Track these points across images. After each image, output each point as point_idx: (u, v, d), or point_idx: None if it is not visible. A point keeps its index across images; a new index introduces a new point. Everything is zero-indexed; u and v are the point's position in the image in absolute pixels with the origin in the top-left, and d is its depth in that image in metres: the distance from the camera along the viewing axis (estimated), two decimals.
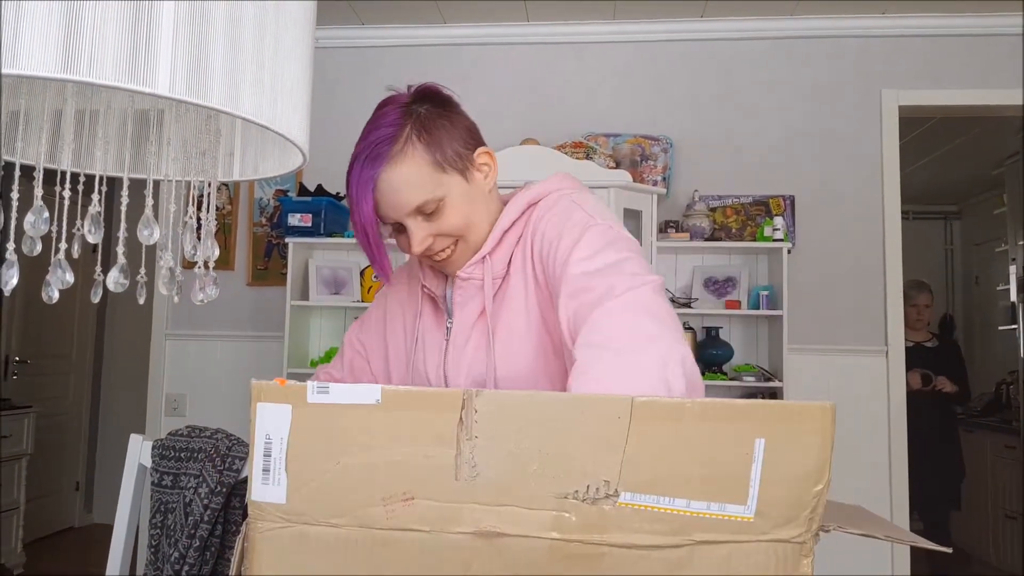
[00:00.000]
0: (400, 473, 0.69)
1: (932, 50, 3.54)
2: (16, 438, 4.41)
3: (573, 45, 3.72)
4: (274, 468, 0.70)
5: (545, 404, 0.70)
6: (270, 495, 0.70)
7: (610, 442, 0.68)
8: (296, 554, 0.71)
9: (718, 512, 0.69)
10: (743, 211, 3.50)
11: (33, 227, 0.83)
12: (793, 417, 0.69)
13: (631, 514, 0.69)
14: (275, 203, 3.80)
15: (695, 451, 0.69)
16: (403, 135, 1.12)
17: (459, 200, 1.14)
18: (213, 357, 3.78)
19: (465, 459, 0.69)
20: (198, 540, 1.78)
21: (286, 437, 0.69)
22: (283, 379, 0.69)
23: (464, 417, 0.69)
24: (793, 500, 0.70)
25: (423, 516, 0.70)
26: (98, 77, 0.75)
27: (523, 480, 0.69)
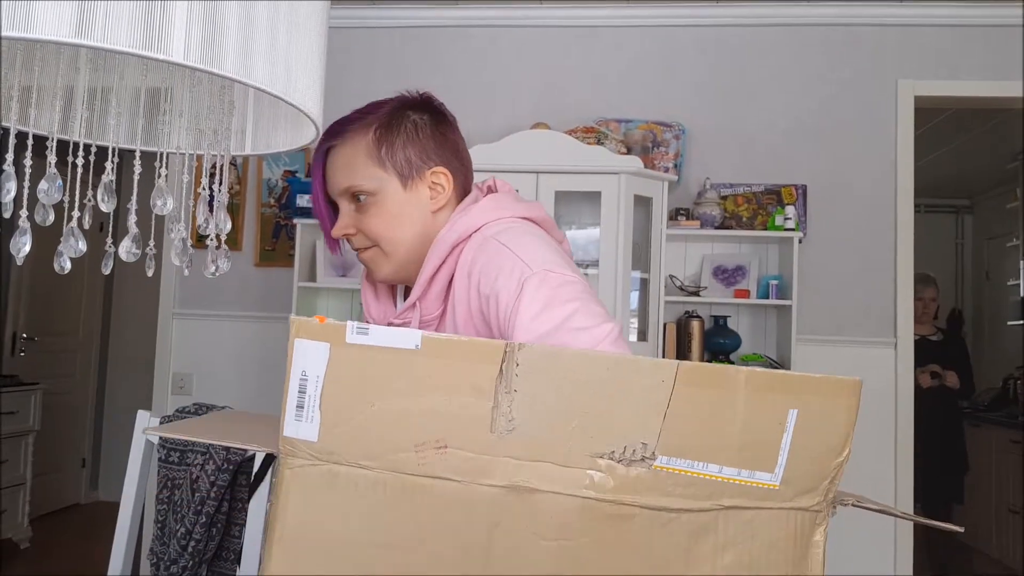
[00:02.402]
0: (435, 421, 0.69)
1: (949, 40, 3.51)
2: (23, 414, 4.43)
3: (586, 29, 3.69)
4: (308, 405, 0.69)
5: (590, 363, 0.70)
6: (302, 432, 0.70)
7: (652, 405, 0.69)
8: (324, 492, 0.71)
9: (747, 479, 0.71)
10: (754, 200, 3.49)
11: (46, 195, 0.82)
12: (825, 390, 0.70)
13: (665, 477, 0.70)
14: (284, 184, 3.79)
15: (734, 418, 0.70)
16: (366, 122, 1.13)
17: (389, 203, 1.12)
18: (220, 337, 3.79)
19: (502, 412, 0.69)
20: (204, 516, 1.79)
21: (322, 376, 0.69)
22: (323, 316, 0.69)
23: (504, 370, 0.68)
24: (816, 470, 0.72)
25: (455, 466, 0.69)
26: (112, 43, 0.74)
27: (560, 437, 0.69)
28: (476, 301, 1.07)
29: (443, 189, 1.16)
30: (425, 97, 1.19)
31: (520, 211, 1.16)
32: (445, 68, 3.69)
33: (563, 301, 0.99)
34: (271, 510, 0.72)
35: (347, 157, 1.13)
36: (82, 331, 5.52)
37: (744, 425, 0.70)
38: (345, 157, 1.13)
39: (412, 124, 1.15)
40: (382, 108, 1.16)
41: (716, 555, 0.71)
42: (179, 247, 0.93)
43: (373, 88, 3.74)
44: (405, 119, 1.15)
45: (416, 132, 1.14)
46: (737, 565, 0.72)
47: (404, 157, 1.13)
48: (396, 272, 1.17)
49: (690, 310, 3.43)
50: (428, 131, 1.15)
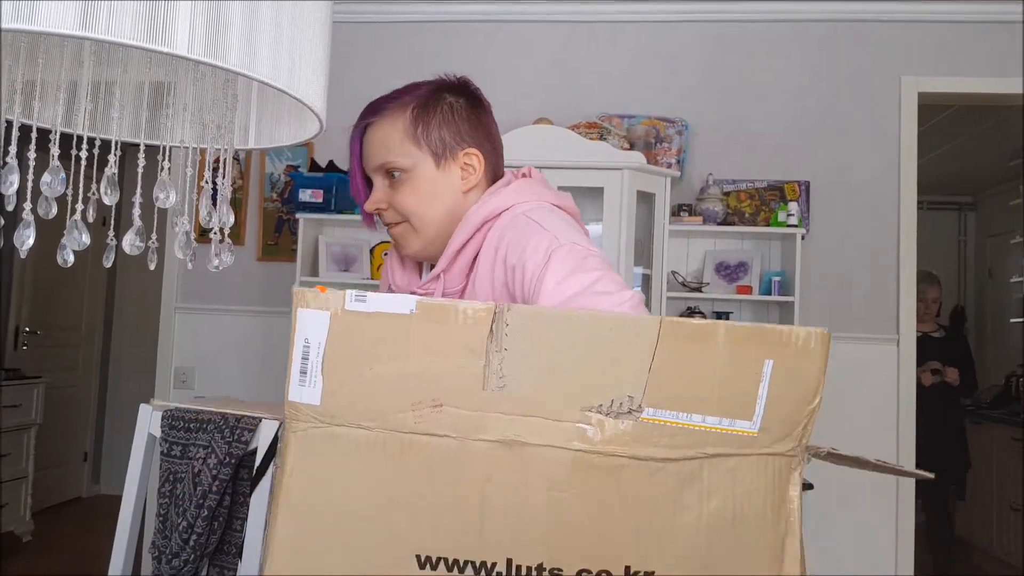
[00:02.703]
0: (430, 381, 0.72)
1: (953, 36, 3.49)
2: (26, 408, 4.43)
3: (589, 24, 3.68)
4: (311, 371, 0.73)
5: (576, 321, 0.74)
6: (306, 396, 0.73)
7: (638, 361, 0.72)
8: (327, 453, 0.74)
9: (729, 427, 0.74)
10: (757, 196, 3.48)
11: (50, 187, 0.82)
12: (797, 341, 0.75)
13: (652, 429, 0.73)
14: (286, 178, 3.79)
15: (715, 370, 0.73)
16: (404, 103, 1.17)
17: (421, 181, 1.16)
18: (222, 331, 3.79)
19: (493, 370, 0.72)
20: (206, 510, 1.79)
21: (323, 342, 0.72)
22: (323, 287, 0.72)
23: (495, 330, 0.72)
24: (790, 417, 0.76)
25: (450, 423, 0.72)
26: (116, 36, 0.74)
27: (549, 392, 0.72)
28: (501, 273, 1.10)
29: (474, 170, 1.19)
30: (462, 81, 1.24)
31: (550, 197, 1.20)
32: (448, 63, 3.65)
33: (588, 269, 1.04)
34: (276, 473, 0.74)
35: (384, 134, 1.17)
36: (84, 325, 5.53)
37: (724, 376, 0.74)
38: (382, 134, 1.17)
39: (448, 106, 1.19)
40: (420, 89, 1.20)
41: (702, 502, 0.74)
42: (182, 240, 0.93)
43: (377, 84, 3.72)
44: (442, 101, 1.19)
45: (452, 114, 1.18)
46: (722, 510, 0.75)
47: (439, 137, 1.16)
48: (424, 248, 1.20)
49: (692, 306, 3.43)
50: (463, 113, 1.19)
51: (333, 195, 3.44)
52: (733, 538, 0.75)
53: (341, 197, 3.48)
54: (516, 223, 1.12)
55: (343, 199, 3.50)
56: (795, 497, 0.78)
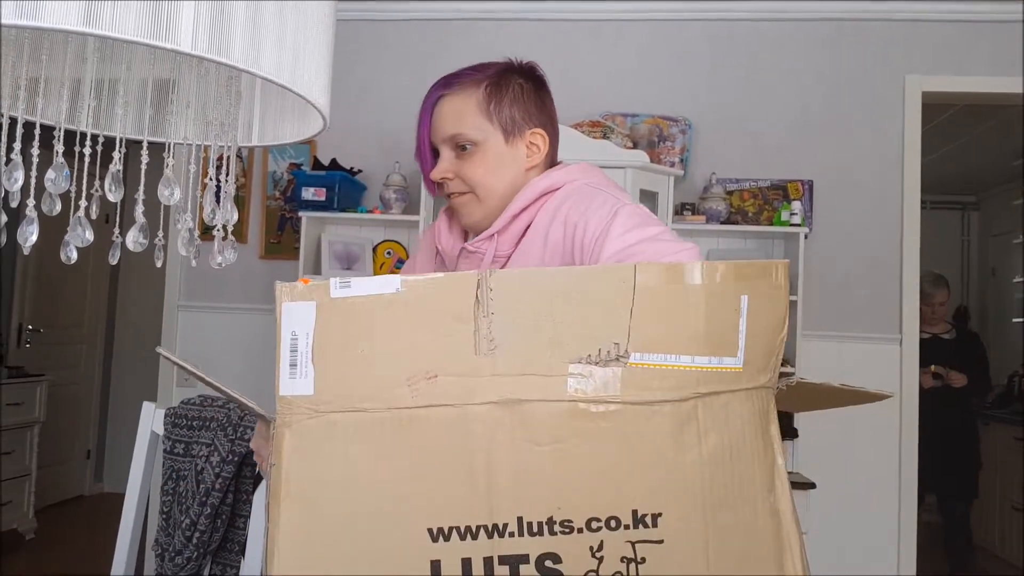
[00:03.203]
0: (422, 354, 0.73)
1: (957, 36, 3.48)
2: (28, 406, 4.44)
3: (591, 22, 3.68)
4: (301, 362, 0.73)
5: (555, 277, 0.77)
6: (298, 388, 0.73)
7: (617, 307, 0.75)
8: (326, 442, 0.74)
9: (717, 366, 0.77)
10: (760, 195, 3.47)
11: (54, 184, 0.82)
12: (766, 274, 0.79)
13: (642, 373, 0.75)
14: (289, 177, 3.79)
15: (697, 310, 0.76)
16: (478, 79, 1.22)
17: (490, 155, 1.21)
18: (225, 329, 3.79)
19: (483, 334, 0.73)
20: (209, 508, 1.79)
21: (311, 332, 0.73)
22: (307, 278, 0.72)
23: (480, 296, 0.73)
24: (766, 349, 0.80)
25: (447, 392, 0.73)
26: (120, 32, 0.74)
27: (539, 349, 0.74)
28: (559, 233, 1.14)
29: (538, 150, 1.25)
30: (531, 65, 1.29)
31: (609, 181, 1.28)
32: (452, 61, 3.65)
33: (652, 224, 1.09)
34: (273, 473, 0.73)
35: (458, 107, 1.21)
36: (87, 323, 5.53)
37: (707, 315, 0.76)
38: (456, 107, 1.21)
39: (519, 86, 1.23)
40: (491, 68, 1.24)
41: (701, 441, 0.76)
42: (186, 237, 0.93)
43: (379, 82, 3.75)
44: (513, 81, 1.23)
45: (522, 94, 1.23)
46: (720, 447, 0.77)
47: (509, 115, 1.21)
48: (484, 218, 1.24)
49: None
50: (532, 95, 1.25)
51: (336, 193, 3.44)
52: (732, 472, 0.78)
53: (344, 195, 3.48)
54: (580, 190, 1.18)
55: (346, 197, 3.50)
56: (774, 420, 0.82)
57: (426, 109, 1.24)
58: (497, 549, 0.73)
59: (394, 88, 3.73)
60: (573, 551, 0.74)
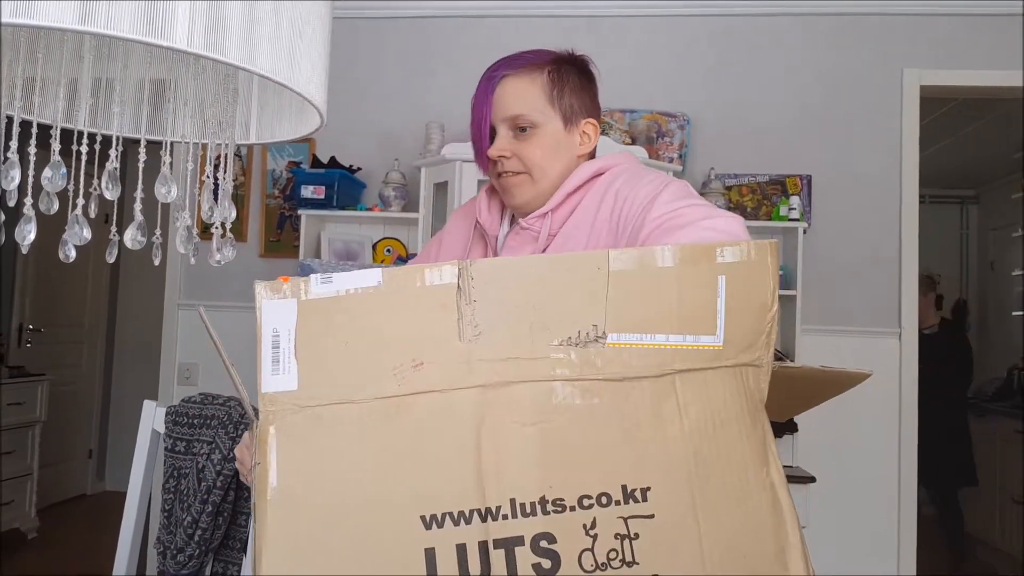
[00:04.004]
0: (407, 343, 0.74)
1: (955, 29, 3.48)
2: (30, 405, 4.45)
3: (590, 19, 3.68)
4: (283, 358, 0.72)
5: (533, 265, 0.80)
6: (281, 384, 0.72)
7: (594, 291, 0.78)
8: (312, 437, 0.73)
9: (693, 343, 0.80)
10: (759, 190, 3.48)
11: (51, 182, 0.82)
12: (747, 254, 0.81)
13: (620, 352, 0.78)
14: (288, 175, 3.79)
15: (669, 292, 0.79)
16: (541, 63, 1.25)
17: (549, 138, 1.24)
18: (225, 327, 3.76)
19: (467, 321, 0.75)
20: (211, 505, 1.79)
21: (293, 328, 0.72)
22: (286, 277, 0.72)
23: (462, 284, 0.75)
24: (752, 327, 0.82)
25: (433, 379, 0.74)
26: (116, 30, 0.75)
27: (522, 333, 0.76)
28: (609, 206, 1.18)
29: (589, 139, 1.29)
30: (584, 59, 1.32)
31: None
32: (450, 59, 3.68)
33: (698, 198, 1.14)
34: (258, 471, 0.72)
35: (523, 88, 1.24)
36: (88, 322, 5.54)
37: (680, 296, 0.79)
38: (520, 88, 1.24)
39: (577, 77, 1.28)
40: (550, 55, 1.28)
41: (681, 415, 0.79)
42: (184, 235, 0.93)
43: (378, 81, 3.74)
44: (572, 71, 1.28)
45: (579, 85, 1.28)
46: (701, 420, 0.80)
47: (569, 103, 1.25)
48: (534, 199, 1.27)
49: None
50: (588, 87, 1.30)
51: (335, 191, 3.44)
52: (717, 446, 0.80)
53: (343, 193, 3.48)
54: (629, 170, 1.23)
55: (345, 195, 3.50)
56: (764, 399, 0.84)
57: (488, 87, 1.25)
58: (492, 533, 0.73)
59: (393, 86, 3.73)
60: (567, 530, 0.75)
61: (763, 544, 0.80)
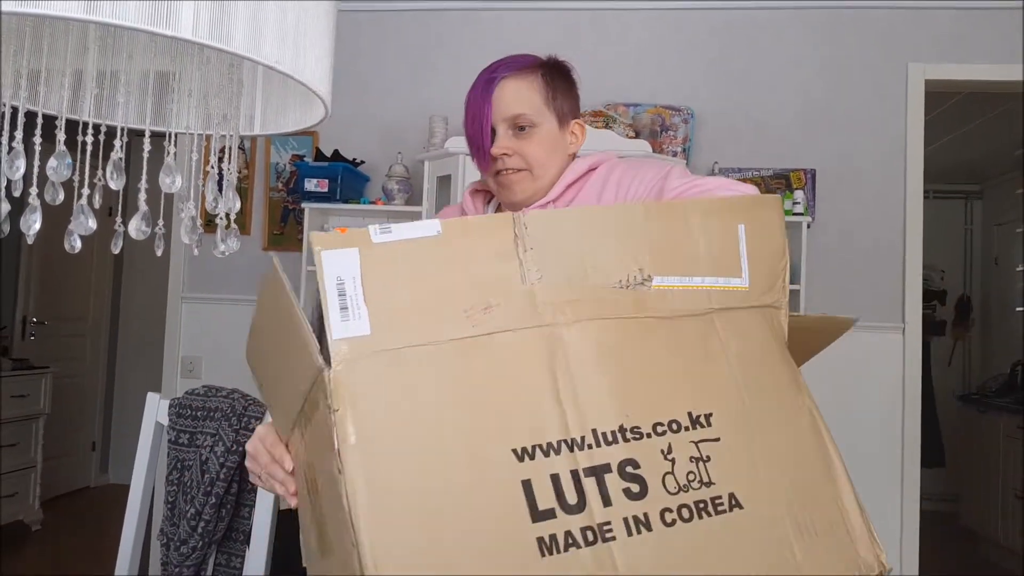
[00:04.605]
0: (474, 289, 0.76)
1: (960, 23, 3.47)
2: (33, 398, 4.46)
3: (593, 12, 3.67)
4: (352, 305, 0.72)
5: (579, 215, 0.86)
6: (352, 330, 0.72)
7: (634, 239, 0.84)
8: (390, 379, 0.73)
9: (724, 285, 0.88)
10: (763, 184, 3.47)
11: (56, 172, 0.82)
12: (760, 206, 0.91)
13: (665, 293, 0.84)
14: (291, 168, 3.79)
15: (699, 239, 0.86)
16: (535, 66, 1.32)
17: (547, 138, 1.31)
18: (229, 320, 3.79)
19: (527, 267, 0.79)
20: (214, 497, 1.80)
21: (358, 276, 0.73)
22: (344, 228, 0.73)
23: (518, 233, 0.79)
24: (769, 271, 0.91)
25: (504, 320, 0.77)
26: (121, 19, 0.74)
27: (577, 277, 0.81)
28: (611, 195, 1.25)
29: (577, 139, 1.37)
30: (568, 64, 1.39)
31: None
32: (454, 52, 3.68)
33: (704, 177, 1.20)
34: (336, 418, 0.70)
35: (521, 89, 1.30)
36: (91, 315, 5.55)
37: (708, 243, 0.86)
38: (519, 89, 1.30)
39: (564, 81, 1.35)
40: (538, 60, 1.34)
41: (724, 347, 0.86)
42: (189, 225, 0.93)
43: (381, 74, 3.74)
44: (559, 75, 1.34)
45: (567, 89, 1.35)
46: (743, 352, 0.87)
47: (561, 104, 1.32)
48: (533, 195, 1.33)
49: None
50: (573, 91, 1.37)
51: (338, 184, 3.44)
52: (758, 373, 0.88)
53: (346, 186, 3.48)
54: (626, 162, 1.32)
55: (348, 188, 3.50)
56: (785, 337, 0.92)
57: (488, 88, 1.30)
58: (580, 462, 0.75)
59: (396, 79, 3.73)
60: (648, 456, 0.79)
61: (812, 463, 0.87)
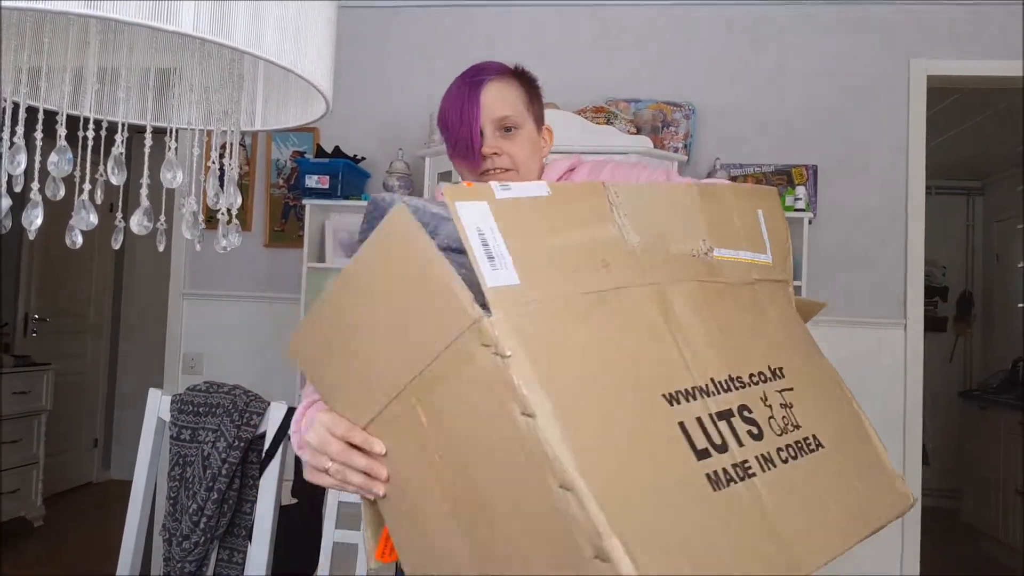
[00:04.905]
0: (592, 246, 0.80)
1: (963, 19, 3.46)
2: (35, 394, 4.46)
3: (594, 8, 3.66)
4: (497, 254, 0.72)
5: (653, 190, 0.94)
6: (503, 279, 0.72)
7: (696, 214, 0.91)
8: (547, 329, 0.73)
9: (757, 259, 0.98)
10: (765, 180, 3.46)
11: (56, 167, 0.82)
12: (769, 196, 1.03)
13: (723, 263, 0.92)
14: (292, 164, 3.79)
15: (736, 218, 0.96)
16: (508, 72, 1.38)
17: (528, 139, 1.37)
18: (230, 317, 3.80)
19: (626, 231, 0.83)
20: (216, 493, 1.80)
21: (495, 227, 0.73)
22: (469, 182, 0.75)
23: (611, 200, 0.83)
24: (782, 251, 1.01)
25: (621, 277, 0.81)
26: (122, 14, 0.74)
27: (662, 244, 0.86)
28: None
29: (546, 143, 1.44)
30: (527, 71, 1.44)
31: None
32: (454, 47, 3.68)
33: None
34: (512, 364, 0.69)
35: (506, 92, 1.35)
36: (93, 312, 5.55)
37: (741, 223, 0.96)
38: (503, 91, 1.35)
39: (536, 88, 1.41)
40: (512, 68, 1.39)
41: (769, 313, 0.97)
42: (190, 220, 0.93)
43: (382, 70, 3.74)
44: (531, 83, 1.40)
45: (538, 95, 1.42)
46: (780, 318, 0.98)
47: (536, 109, 1.39)
48: None
49: None
50: (541, 99, 1.43)
51: (339, 181, 3.44)
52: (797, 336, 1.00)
53: (347, 183, 3.48)
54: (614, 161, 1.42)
55: (349, 184, 3.50)
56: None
57: (475, 90, 1.34)
58: (711, 407, 0.80)
59: (396, 75, 3.72)
60: (754, 402, 0.85)
61: (847, 410, 0.99)
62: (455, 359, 0.73)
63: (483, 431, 0.73)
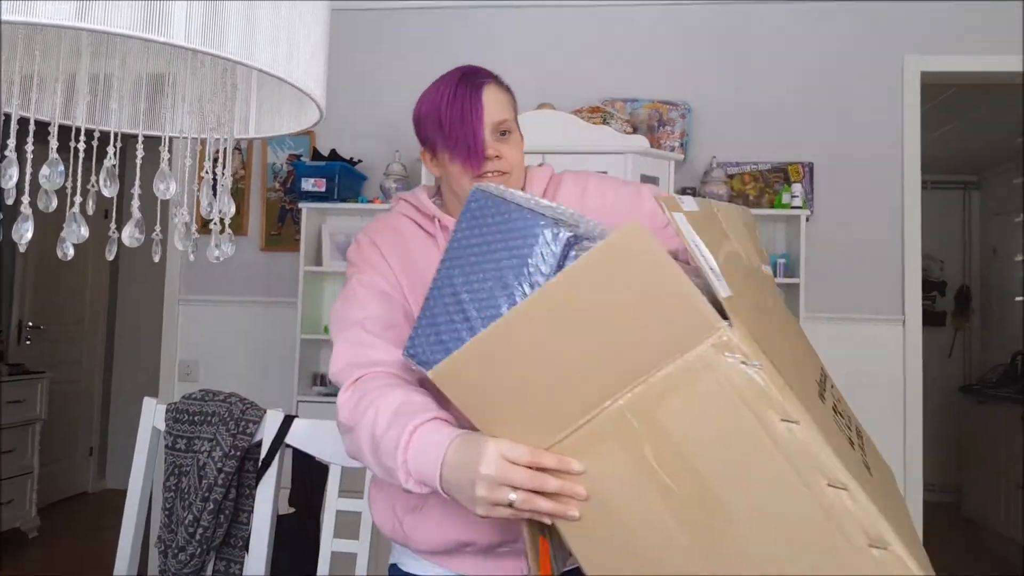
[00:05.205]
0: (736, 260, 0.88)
1: (956, 15, 3.46)
2: (30, 403, 4.44)
3: (590, 8, 3.65)
4: (711, 265, 0.76)
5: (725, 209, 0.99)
6: (724, 289, 0.76)
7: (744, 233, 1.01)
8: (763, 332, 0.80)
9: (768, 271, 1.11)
10: (761, 178, 3.46)
11: (48, 180, 0.81)
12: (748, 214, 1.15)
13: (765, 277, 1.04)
14: (288, 168, 3.78)
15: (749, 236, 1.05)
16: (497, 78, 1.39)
17: (518, 145, 1.39)
18: (226, 323, 3.78)
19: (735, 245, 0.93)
20: (212, 503, 1.79)
21: (700, 242, 0.78)
22: (667, 193, 0.84)
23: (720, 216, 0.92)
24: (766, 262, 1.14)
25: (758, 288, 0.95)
26: (113, 26, 0.73)
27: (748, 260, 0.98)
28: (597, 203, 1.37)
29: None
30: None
31: None
32: (449, 49, 3.66)
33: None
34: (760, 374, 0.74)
35: (500, 97, 1.36)
36: (87, 320, 5.52)
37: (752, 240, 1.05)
38: (499, 96, 1.36)
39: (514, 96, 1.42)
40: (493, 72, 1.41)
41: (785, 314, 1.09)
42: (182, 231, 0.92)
43: (376, 72, 3.72)
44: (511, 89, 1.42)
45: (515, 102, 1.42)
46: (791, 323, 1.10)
47: (516, 115, 1.40)
48: None
49: None
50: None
51: (336, 184, 3.42)
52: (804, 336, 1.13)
53: (344, 185, 3.46)
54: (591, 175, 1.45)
55: (346, 188, 3.48)
56: None
57: (476, 92, 1.33)
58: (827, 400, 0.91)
59: (392, 77, 3.71)
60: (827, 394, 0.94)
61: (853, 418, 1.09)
62: (689, 369, 0.74)
63: (725, 437, 0.75)
